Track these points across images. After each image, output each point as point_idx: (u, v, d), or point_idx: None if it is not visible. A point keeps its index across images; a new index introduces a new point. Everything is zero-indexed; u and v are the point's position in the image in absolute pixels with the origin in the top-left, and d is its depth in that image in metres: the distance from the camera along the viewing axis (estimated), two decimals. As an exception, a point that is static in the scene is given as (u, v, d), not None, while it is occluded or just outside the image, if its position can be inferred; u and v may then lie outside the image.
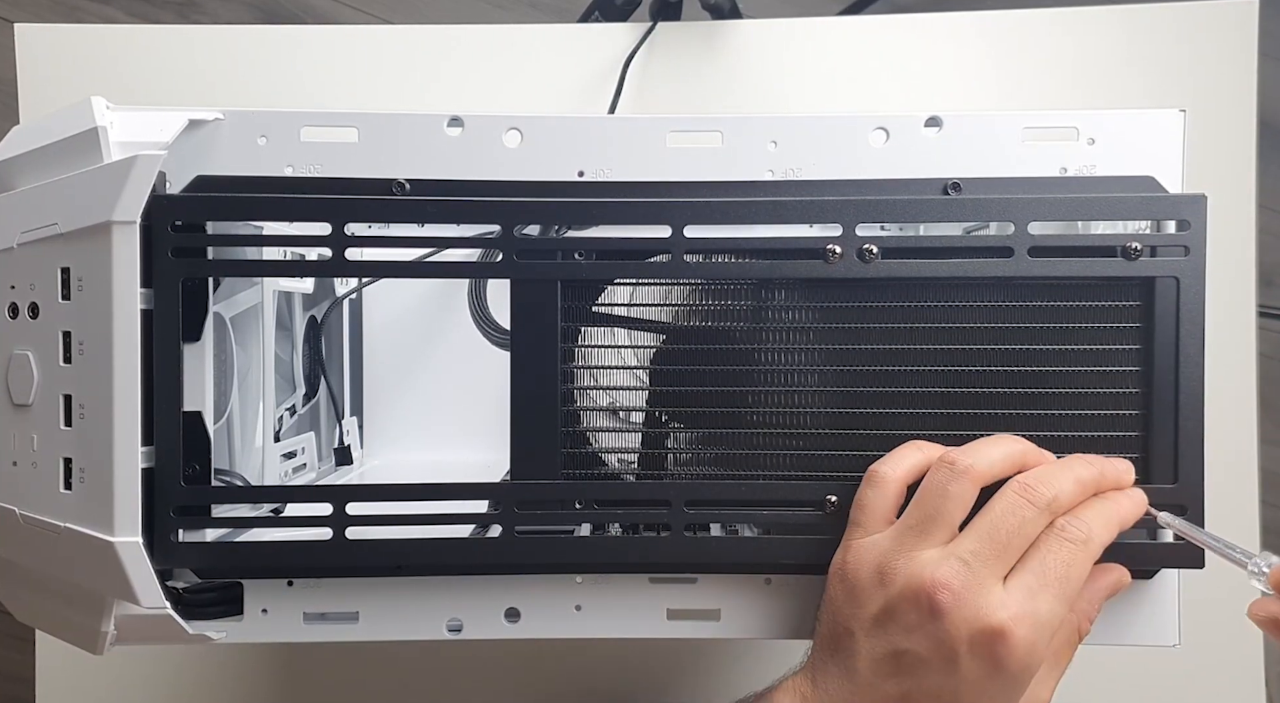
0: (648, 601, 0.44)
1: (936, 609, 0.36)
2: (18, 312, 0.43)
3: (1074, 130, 0.44)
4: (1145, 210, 0.42)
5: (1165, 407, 0.42)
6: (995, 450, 0.39)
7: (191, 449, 0.42)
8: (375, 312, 0.64)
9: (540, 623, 0.44)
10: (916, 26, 0.70)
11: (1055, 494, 0.38)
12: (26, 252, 0.42)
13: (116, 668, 0.66)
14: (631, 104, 0.69)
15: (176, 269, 0.41)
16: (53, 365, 0.41)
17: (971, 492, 0.38)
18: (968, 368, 0.43)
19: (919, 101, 0.69)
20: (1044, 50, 0.69)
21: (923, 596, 0.37)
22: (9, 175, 0.44)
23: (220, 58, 0.69)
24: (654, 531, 0.43)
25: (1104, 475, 0.40)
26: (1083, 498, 0.39)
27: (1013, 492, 0.38)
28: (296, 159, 0.43)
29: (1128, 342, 0.43)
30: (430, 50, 0.70)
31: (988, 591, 0.36)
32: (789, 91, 0.70)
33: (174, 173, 0.42)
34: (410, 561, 0.43)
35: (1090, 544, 0.38)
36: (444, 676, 0.68)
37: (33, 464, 0.42)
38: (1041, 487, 0.38)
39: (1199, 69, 0.68)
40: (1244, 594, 0.37)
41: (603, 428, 0.45)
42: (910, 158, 0.43)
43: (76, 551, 0.40)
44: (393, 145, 0.43)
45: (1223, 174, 0.66)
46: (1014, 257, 0.41)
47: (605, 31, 0.71)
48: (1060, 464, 0.40)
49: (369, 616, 0.44)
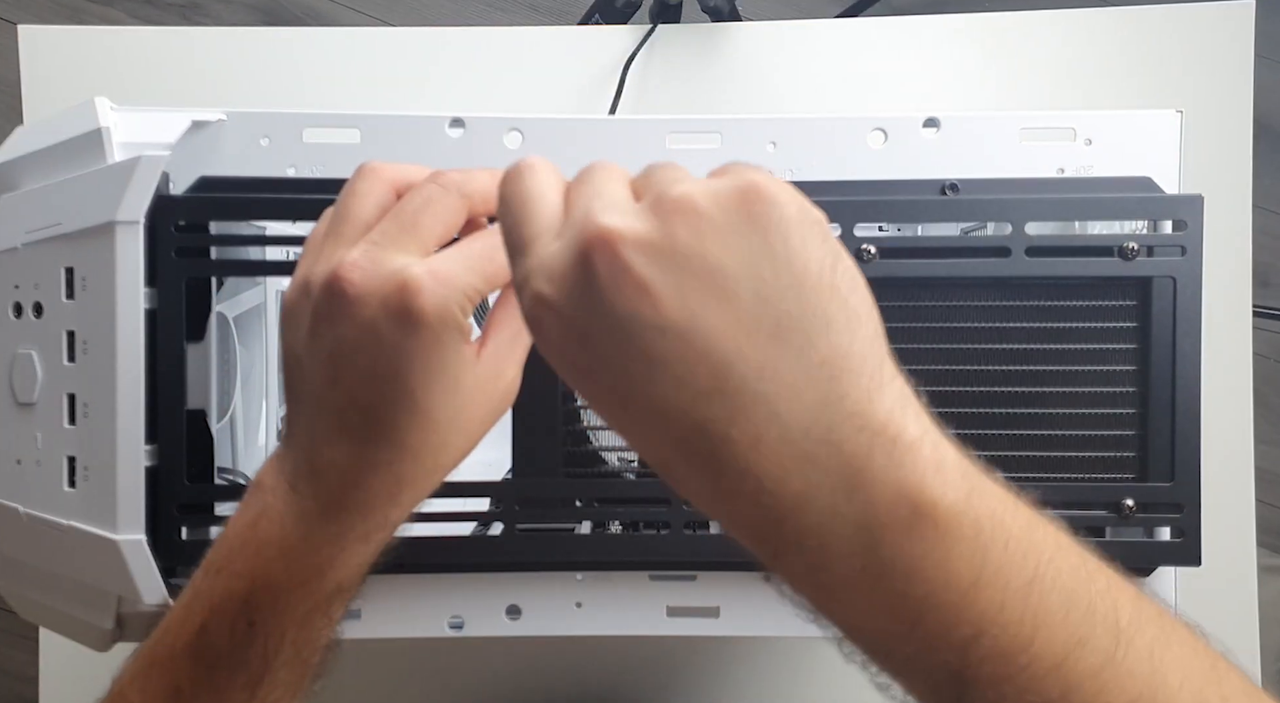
0: (648, 598, 0.44)
1: (344, 290, 0.32)
2: (22, 311, 0.43)
3: (1071, 131, 0.44)
4: (1142, 211, 0.43)
5: (1162, 406, 0.42)
6: (488, 177, 0.35)
7: (195, 448, 0.43)
8: (376, 312, 0.64)
9: (541, 620, 0.44)
10: (914, 29, 0.70)
11: (469, 180, 0.34)
12: (31, 252, 0.42)
13: (120, 665, 0.66)
14: (631, 106, 0.69)
15: (180, 269, 0.41)
16: (56, 365, 0.42)
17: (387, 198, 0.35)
18: (965, 367, 0.43)
19: (917, 103, 0.69)
20: (1041, 52, 0.69)
21: (334, 284, 0.32)
22: (13, 176, 0.44)
23: (223, 59, 0.69)
24: (654, 528, 0.43)
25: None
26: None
27: (426, 180, 0.35)
28: (299, 160, 0.44)
29: (1124, 341, 0.43)
30: (432, 52, 0.70)
31: (392, 259, 0.32)
32: (788, 93, 0.70)
33: (177, 173, 0.42)
34: (412, 558, 0.43)
35: (451, 192, 0.34)
36: (444, 675, 0.68)
37: (37, 463, 0.42)
38: (455, 175, 0.34)
39: (1196, 70, 0.68)
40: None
41: (603, 426, 0.45)
42: (908, 159, 0.44)
43: (80, 548, 0.41)
44: (395, 146, 0.44)
45: (1219, 175, 0.67)
46: (1011, 257, 0.42)
47: (605, 34, 0.71)
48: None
49: (370, 613, 0.44)
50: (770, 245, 0.26)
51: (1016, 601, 0.25)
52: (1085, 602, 0.25)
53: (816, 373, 0.25)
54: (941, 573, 0.24)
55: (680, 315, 0.25)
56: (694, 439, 0.26)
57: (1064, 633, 0.25)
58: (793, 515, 0.25)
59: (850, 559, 0.25)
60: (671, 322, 0.25)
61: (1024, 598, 0.25)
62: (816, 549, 0.25)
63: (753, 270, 0.25)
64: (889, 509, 0.25)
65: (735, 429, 0.25)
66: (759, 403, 0.25)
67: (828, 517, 0.25)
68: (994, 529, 0.25)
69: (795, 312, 0.25)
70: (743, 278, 0.25)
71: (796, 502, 0.25)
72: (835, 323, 0.25)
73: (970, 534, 0.25)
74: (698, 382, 0.25)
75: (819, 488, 0.25)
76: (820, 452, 0.25)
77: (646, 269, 0.25)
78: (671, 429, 0.26)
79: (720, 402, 0.25)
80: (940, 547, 0.24)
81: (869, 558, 0.25)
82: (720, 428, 0.25)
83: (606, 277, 0.26)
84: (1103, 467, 0.43)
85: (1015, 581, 0.25)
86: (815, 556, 0.25)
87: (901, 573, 0.25)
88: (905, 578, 0.25)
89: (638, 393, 0.26)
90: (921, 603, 0.25)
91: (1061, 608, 0.25)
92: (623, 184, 0.29)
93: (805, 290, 0.25)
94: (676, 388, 0.25)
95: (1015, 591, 0.25)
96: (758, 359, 0.25)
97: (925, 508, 0.24)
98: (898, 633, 0.25)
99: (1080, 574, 0.25)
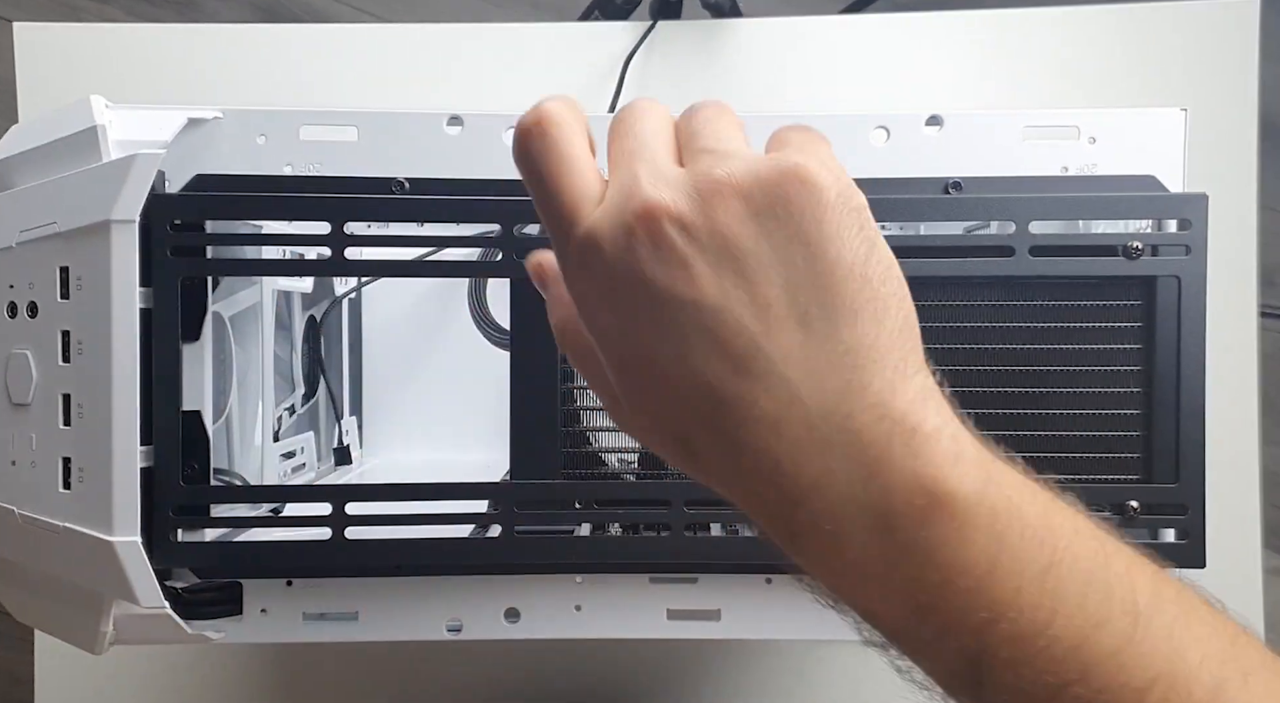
0: (648, 601, 0.44)
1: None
2: (16, 311, 0.42)
3: (1075, 129, 0.44)
4: (1146, 209, 0.42)
5: (1166, 406, 0.42)
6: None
7: (190, 449, 0.42)
8: (375, 311, 0.63)
9: (540, 623, 0.44)
10: (917, 25, 0.70)
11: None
12: (25, 251, 0.42)
13: (115, 668, 0.66)
14: (632, 103, 0.69)
15: (175, 268, 0.41)
16: (51, 365, 0.41)
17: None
18: (967, 367, 0.43)
19: (920, 100, 0.69)
20: (1045, 49, 0.69)
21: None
22: (8, 174, 0.43)
23: (219, 57, 0.69)
24: (654, 530, 0.43)
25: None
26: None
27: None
28: (296, 158, 0.43)
29: (1129, 341, 0.42)
30: (430, 49, 0.70)
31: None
32: (789, 90, 0.70)
33: (173, 172, 0.42)
34: (410, 560, 0.43)
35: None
36: (444, 676, 0.68)
37: (31, 464, 0.42)
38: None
39: (1200, 68, 0.68)
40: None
41: (603, 427, 0.45)
42: (911, 157, 0.43)
43: (75, 550, 0.40)
44: (392, 144, 0.43)
45: (1224, 173, 0.66)
46: (1015, 256, 0.41)
47: (606, 30, 0.70)
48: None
49: (368, 616, 0.44)
50: (804, 232, 0.26)
51: (1033, 586, 0.25)
52: (1103, 585, 0.25)
53: (841, 361, 0.26)
54: (958, 560, 0.25)
55: (715, 294, 0.26)
56: (717, 416, 0.26)
57: (1081, 616, 0.25)
58: (810, 498, 0.26)
59: (866, 545, 0.25)
60: (708, 299, 0.26)
61: (1040, 583, 0.25)
62: (832, 534, 0.26)
63: (785, 256, 0.26)
64: (905, 497, 0.25)
65: (758, 409, 0.26)
66: (783, 386, 0.26)
67: (844, 502, 0.25)
68: (1010, 517, 0.25)
69: (824, 300, 0.26)
70: (776, 264, 0.26)
71: (814, 485, 0.26)
72: (863, 313, 0.26)
73: (986, 523, 0.25)
74: (727, 359, 0.26)
75: (836, 474, 0.25)
76: (840, 438, 0.25)
77: (687, 247, 0.26)
78: (696, 402, 0.27)
79: (747, 381, 0.26)
80: (956, 535, 0.25)
81: (885, 544, 0.25)
82: (744, 407, 0.26)
83: (648, 249, 0.26)
84: (1107, 468, 0.43)
85: (1031, 567, 0.25)
86: (831, 540, 0.26)
87: (917, 560, 0.25)
88: (921, 564, 0.25)
89: (668, 363, 0.27)
90: (938, 589, 0.25)
91: (1079, 592, 0.25)
92: (668, 136, 0.29)
93: (835, 279, 0.26)
94: (705, 362, 0.26)
95: (1032, 576, 0.25)
96: (785, 343, 0.26)
97: (942, 497, 0.25)
98: (914, 618, 0.26)
99: (1098, 558, 0.26)
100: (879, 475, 0.25)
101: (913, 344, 0.27)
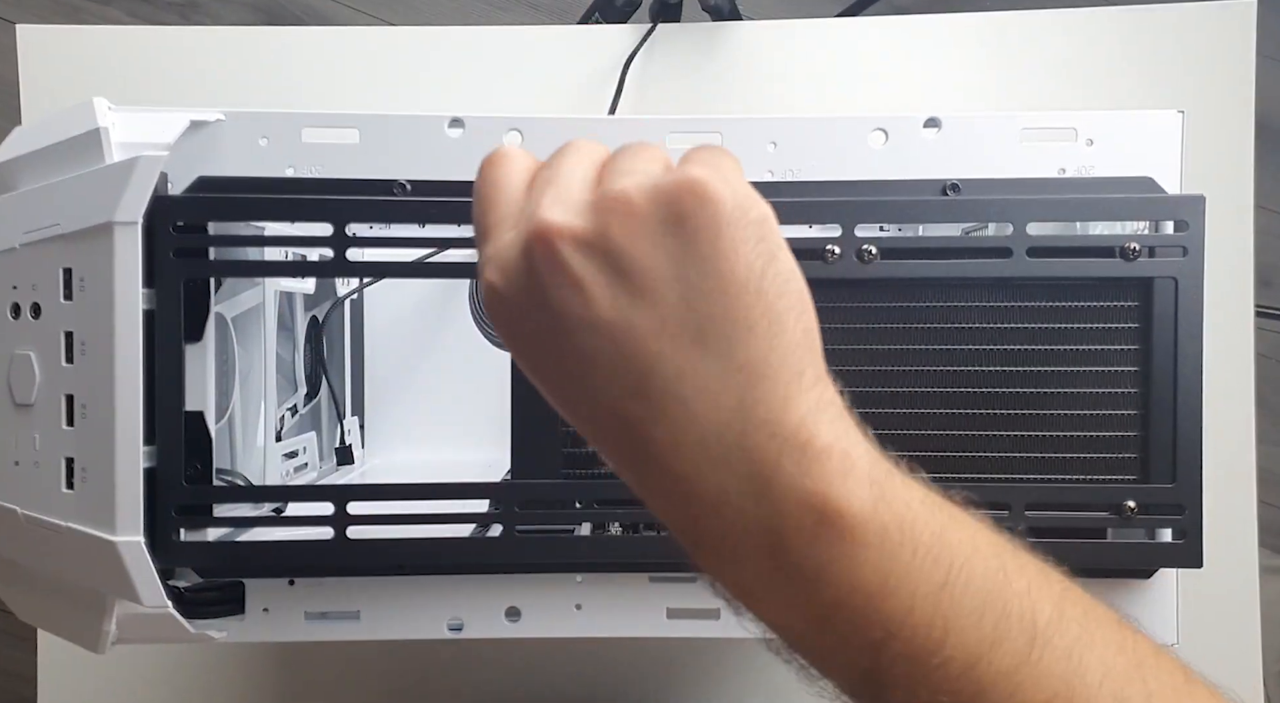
0: (648, 600, 0.44)
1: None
2: (20, 312, 0.43)
3: (1072, 131, 0.44)
4: (1143, 211, 0.42)
5: (1163, 407, 0.42)
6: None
7: (193, 449, 0.43)
8: (376, 312, 0.64)
9: (541, 622, 0.44)
10: (915, 28, 0.70)
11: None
12: (29, 252, 0.42)
13: (118, 667, 0.66)
14: (632, 105, 0.69)
15: (178, 270, 0.41)
16: (55, 365, 0.41)
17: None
18: (966, 368, 0.43)
19: (918, 103, 0.69)
20: (1042, 51, 0.69)
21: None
22: (11, 176, 0.44)
23: (222, 59, 0.69)
24: (654, 530, 0.43)
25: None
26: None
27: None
28: (298, 160, 0.43)
29: (1126, 342, 0.43)
30: (431, 52, 0.70)
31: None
32: (788, 93, 0.70)
33: (175, 174, 0.42)
34: (411, 560, 0.43)
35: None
36: (444, 675, 0.68)
37: (35, 464, 0.42)
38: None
39: (1197, 70, 0.68)
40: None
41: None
42: (909, 159, 0.44)
43: (78, 550, 0.41)
44: (394, 146, 0.43)
45: (1221, 175, 0.66)
46: (1012, 257, 0.42)
47: (605, 33, 0.71)
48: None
49: (370, 615, 0.44)
50: (698, 247, 0.26)
51: (926, 605, 0.25)
52: (1000, 604, 0.25)
53: (735, 378, 0.26)
54: (848, 578, 0.25)
55: (610, 314, 0.26)
56: (621, 436, 0.27)
57: (977, 635, 0.25)
58: (708, 516, 0.26)
59: (761, 561, 0.26)
60: (602, 320, 0.26)
61: (934, 603, 0.25)
62: (731, 549, 0.26)
63: (679, 272, 0.26)
64: (795, 515, 0.25)
65: (657, 430, 0.26)
66: (679, 406, 0.26)
67: (739, 519, 0.26)
68: (902, 536, 0.25)
69: (718, 316, 0.26)
70: (671, 279, 0.26)
71: (712, 503, 0.26)
72: (757, 328, 0.26)
73: (876, 541, 0.25)
74: (624, 381, 0.26)
75: (731, 491, 0.26)
76: (733, 456, 0.25)
77: (582, 267, 0.26)
78: (602, 424, 0.27)
79: (644, 402, 0.26)
80: (846, 553, 0.25)
81: (778, 561, 0.25)
82: (644, 428, 0.26)
83: (545, 271, 0.26)
84: (1104, 468, 0.43)
85: (924, 586, 0.25)
86: (730, 555, 0.26)
87: (809, 577, 0.25)
88: (812, 582, 0.25)
89: (573, 387, 0.27)
90: (830, 606, 0.25)
91: (975, 611, 0.25)
92: (587, 170, 0.28)
93: (729, 295, 0.26)
94: (606, 385, 0.26)
95: (925, 595, 0.25)
96: (679, 362, 0.26)
97: (830, 515, 0.25)
98: (810, 632, 0.26)
99: (997, 577, 0.26)
100: (769, 494, 0.25)
101: (811, 357, 0.26)
